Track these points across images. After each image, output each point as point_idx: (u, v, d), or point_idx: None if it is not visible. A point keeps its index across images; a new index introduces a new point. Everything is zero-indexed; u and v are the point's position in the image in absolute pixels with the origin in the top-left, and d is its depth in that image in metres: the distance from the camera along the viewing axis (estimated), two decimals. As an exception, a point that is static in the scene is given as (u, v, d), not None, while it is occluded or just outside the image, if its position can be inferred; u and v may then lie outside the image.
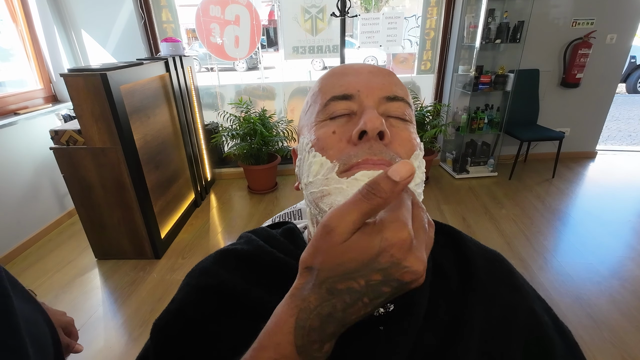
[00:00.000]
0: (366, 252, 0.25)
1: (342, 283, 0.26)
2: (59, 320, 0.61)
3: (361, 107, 0.40)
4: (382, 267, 0.25)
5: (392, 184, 0.24)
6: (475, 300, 0.41)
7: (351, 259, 0.25)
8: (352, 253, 0.25)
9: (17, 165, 2.26)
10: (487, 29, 2.79)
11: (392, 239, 0.25)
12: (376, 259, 0.25)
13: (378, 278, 0.25)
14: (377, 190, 0.24)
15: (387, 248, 0.25)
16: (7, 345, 0.29)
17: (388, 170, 0.24)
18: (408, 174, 0.24)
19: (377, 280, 0.25)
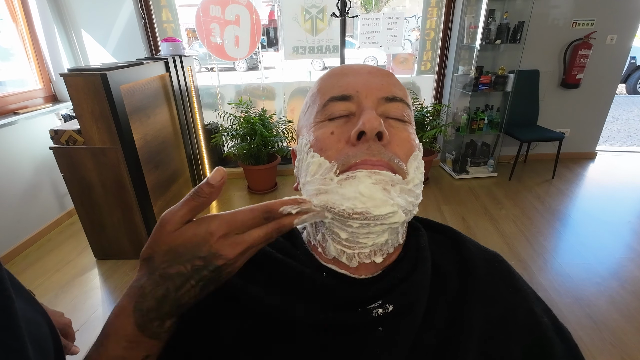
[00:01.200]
0: (192, 240, 0.31)
1: (173, 268, 0.31)
2: (56, 321, 0.60)
3: (360, 108, 0.40)
4: (203, 255, 0.31)
5: (210, 186, 0.31)
6: (475, 301, 0.41)
7: (180, 244, 0.31)
8: (181, 239, 0.31)
9: (17, 165, 2.26)
10: (487, 29, 2.79)
11: (213, 229, 0.31)
12: (199, 246, 0.31)
13: (200, 263, 0.31)
14: (200, 192, 0.31)
15: (208, 238, 0.31)
16: (8, 346, 0.29)
17: (209, 177, 0.31)
18: (220, 178, 0.31)
19: (199, 265, 0.31)
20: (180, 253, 0.31)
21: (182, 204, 0.31)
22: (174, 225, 0.31)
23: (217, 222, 0.31)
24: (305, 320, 0.39)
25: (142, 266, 0.32)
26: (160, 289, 0.31)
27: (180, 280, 0.31)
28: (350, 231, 0.39)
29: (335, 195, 0.37)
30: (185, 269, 0.31)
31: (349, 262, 0.42)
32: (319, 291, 0.42)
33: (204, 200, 0.31)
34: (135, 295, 0.31)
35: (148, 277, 0.31)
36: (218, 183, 0.31)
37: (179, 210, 0.31)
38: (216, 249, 0.31)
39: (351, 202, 0.36)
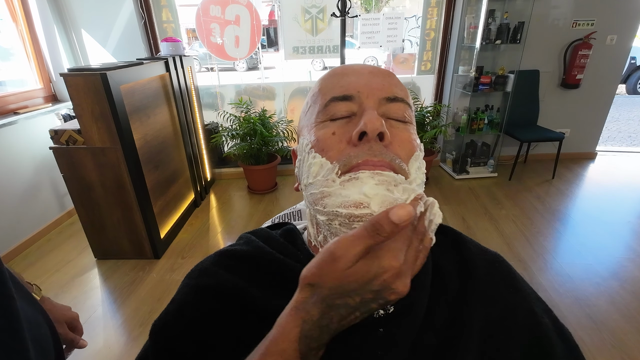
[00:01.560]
0: (365, 277, 0.29)
1: (340, 299, 0.30)
2: (64, 315, 0.61)
3: (361, 108, 0.40)
4: (375, 289, 0.29)
5: (393, 225, 0.27)
6: (475, 301, 0.41)
7: (351, 282, 0.29)
8: (353, 277, 0.29)
9: (16, 165, 2.26)
10: (488, 29, 2.79)
11: (386, 266, 0.29)
12: (371, 282, 0.29)
13: (370, 296, 0.30)
14: (380, 230, 0.27)
15: (381, 274, 0.29)
16: (11, 347, 0.29)
17: (390, 212, 0.27)
18: (407, 217, 0.27)
19: (369, 298, 0.30)
20: (351, 289, 0.29)
21: (357, 239, 0.28)
22: (347, 264, 0.29)
23: (389, 257, 0.29)
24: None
25: (306, 290, 0.31)
26: (325, 319, 0.30)
27: (347, 311, 0.30)
28: None
29: (339, 197, 0.37)
30: (353, 301, 0.30)
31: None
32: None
33: (382, 239, 0.28)
34: (302, 320, 0.31)
35: (314, 304, 0.30)
36: (403, 224, 0.27)
37: (354, 248, 0.28)
38: (389, 284, 0.29)
39: (356, 204, 0.36)
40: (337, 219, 0.38)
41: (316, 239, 0.46)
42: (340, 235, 0.40)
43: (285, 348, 0.31)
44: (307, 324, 0.30)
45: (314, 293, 0.30)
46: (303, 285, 0.31)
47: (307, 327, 0.30)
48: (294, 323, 0.31)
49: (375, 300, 0.30)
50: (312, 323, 0.30)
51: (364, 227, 0.28)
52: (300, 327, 0.30)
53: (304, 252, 0.47)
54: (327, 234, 0.43)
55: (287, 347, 0.31)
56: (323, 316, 0.30)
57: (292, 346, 0.30)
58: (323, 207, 0.39)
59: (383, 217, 0.27)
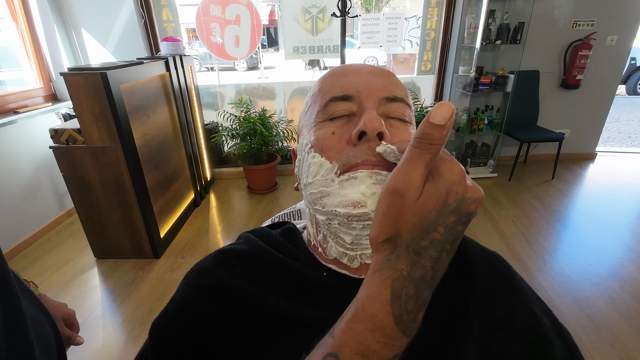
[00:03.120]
0: (439, 199, 0.25)
1: (426, 238, 0.26)
2: (61, 312, 0.61)
3: (361, 108, 0.40)
4: (453, 207, 0.25)
5: (440, 128, 0.24)
6: (475, 301, 0.41)
7: (429, 211, 0.25)
8: (430, 204, 0.25)
9: (16, 164, 2.26)
10: (488, 30, 2.79)
11: (452, 177, 0.25)
12: (446, 201, 0.25)
13: (453, 219, 0.26)
14: (431, 139, 0.24)
15: (451, 187, 0.25)
16: (17, 346, 0.29)
17: (429, 117, 0.24)
18: (450, 114, 0.24)
19: (452, 221, 0.26)
20: (432, 220, 0.25)
21: (413, 161, 0.25)
22: (417, 192, 0.25)
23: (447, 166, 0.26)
24: (305, 320, 0.39)
25: (383, 249, 0.27)
26: (418, 269, 0.26)
27: (437, 249, 0.26)
28: (354, 234, 0.39)
29: (337, 197, 0.37)
30: (439, 234, 0.26)
31: (350, 263, 0.42)
32: (320, 291, 0.42)
33: (437, 147, 0.25)
34: (391, 278, 0.26)
35: (399, 258, 0.26)
36: (448, 122, 0.24)
37: (415, 172, 0.25)
38: (462, 194, 0.25)
39: (353, 203, 0.36)
40: (336, 218, 0.38)
41: (315, 238, 0.46)
42: (340, 234, 0.40)
43: (375, 312, 0.26)
44: (398, 282, 0.26)
45: (395, 246, 0.27)
46: (377, 246, 0.28)
47: (399, 285, 0.26)
48: (382, 285, 0.26)
49: (459, 221, 0.26)
50: (404, 279, 0.26)
51: (413, 145, 0.25)
52: (390, 287, 0.26)
53: (303, 252, 0.47)
54: (327, 233, 0.43)
55: (378, 311, 0.26)
56: (414, 267, 0.26)
57: (383, 309, 0.26)
58: (322, 206, 0.39)
59: (426, 125, 0.25)
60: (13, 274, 0.34)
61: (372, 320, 0.26)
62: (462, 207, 0.26)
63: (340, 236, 0.40)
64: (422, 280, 0.26)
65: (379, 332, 0.26)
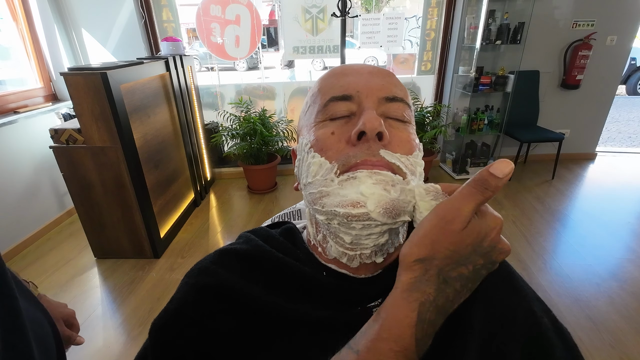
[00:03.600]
0: (478, 237, 0.27)
1: (455, 270, 0.27)
2: (60, 312, 0.61)
3: (360, 108, 0.40)
4: (485, 251, 0.27)
5: (497, 179, 0.27)
6: (475, 301, 0.41)
7: (467, 245, 0.27)
8: (469, 239, 0.27)
9: (16, 164, 2.26)
10: (488, 30, 2.79)
11: (492, 224, 0.28)
12: (482, 243, 0.27)
13: (481, 262, 0.28)
14: (488, 185, 0.27)
15: (489, 232, 0.28)
16: (15, 346, 0.29)
17: (490, 168, 0.27)
18: (509, 170, 0.27)
19: (480, 264, 0.28)
20: (465, 255, 0.27)
21: (468, 197, 0.28)
22: (463, 224, 0.27)
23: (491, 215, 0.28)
24: (305, 319, 0.39)
25: (416, 267, 0.28)
26: (442, 297, 0.27)
27: (461, 284, 0.28)
28: (354, 234, 0.39)
29: (337, 197, 0.37)
30: (467, 270, 0.27)
31: (350, 262, 0.42)
32: (319, 290, 0.42)
33: (490, 194, 0.27)
34: (418, 302, 0.27)
35: (429, 281, 0.27)
36: (506, 177, 0.27)
37: (466, 206, 0.27)
38: (495, 243, 0.28)
39: (353, 203, 0.36)
40: (335, 218, 0.38)
41: (315, 238, 0.46)
42: (340, 234, 0.40)
43: (400, 334, 0.27)
44: (424, 306, 0.27)
45: (427, 268, 0.27)
46: (409, 264, 0.28)
47: (425, 310, 0.27)
48: (410, 307, 0.27)
49: (485, 266, 0.28)
50: (430, 304, 0.27)
51: (470, 185, 0.28)
52: (417, 310, 0.27)
53: (303, 251, 0.47)
54: (327, 233, 0.43)
55: (403, 333, 0.27)
56: (439, 294, 0.27)
57: (408, 332, 0.27)
58: (322, 206, 0.39)
59: (486, 173, 0.27)
60: (11, 274, 0.34)
61: (397, 342, 0.27)
62: (492, 254, 0.28)
63: (339, 236, 0.40)
64: (443, 308, 0.28)
65: (402, 354, 0.27)
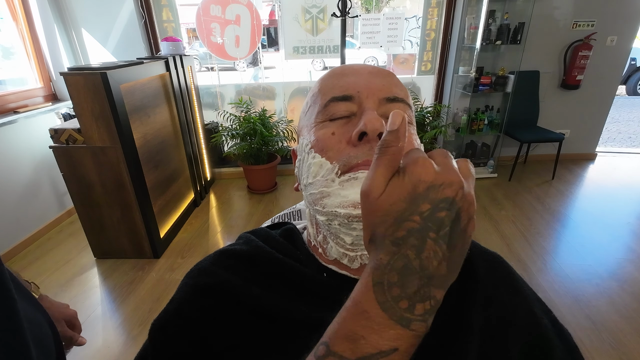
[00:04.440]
0: (403, 191, 0.26)
1: (400, 229, 0.26)
2: (62, 313, 0.61)
3: (361, 108, 0.40)
4: (424, 195, 0.26)
5: (392, 133, 0.27)
6: (475, 302, 0.41)
7: (394, 202, 0.26)
8: (393, 197, 0.26)
9: (16, 164, 2.26)
10: (488, 30, 2.79)
11: (417, 169, 0.26)
12: (414, 191, 0.26)
13: (427, 207, 0.25)
14: (386, 143, 0.27)
15: (419, 178, 0.26)
16: (13, 347, 0.29)
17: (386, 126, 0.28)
18: (399, 119, 0.27)
19: (427, 209, 0.25)
20: (400, 210, 0.26)
21: (374, 167, 0.28)
22: (379, 189, 0.27)
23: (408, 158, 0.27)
24: (305, 321, 0.39)
25: (370, 248, 0.29)
26: (399, 259, 0.26)
27: (417, 238, 0.26)
28: (355, 235, 0.39)
29: (338, 197, 0.37)
30: (414, 223, 0.26)
31: (350, 264, 0.42)
32: (320, 292, 0.42)
33: (394, 149, 0.27)
34: (371, 268, 0.27)
35: (378, 250, 0.27)
36: (400, 126, 0.27)
37: (376, 172, 0.27)
38: (432, 182, 0.25)
39: (354, 204, 0.36)
40: (336, 219, 0.38)
41: (315, 238, 0.46)
42: (340, 235, 0.40)
43: (358, 299, 0.27)
44: (378, 270, 0.27)
45: (375, 244, 0.28)
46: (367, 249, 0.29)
47: (379, 273, 0.26)
48: (365, 274, 0.27)
49: (437, 208, 0.25)
50: (384, 267, 0.26)
51: (375, 153, 0.28)
52: (371, 275, 0.27)
53: (303, 252, 0.47)
54: (327, 233, 0.43)
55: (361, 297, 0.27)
56: (394, 257, 0.26)
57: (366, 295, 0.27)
58: (322, 207, 0.39)
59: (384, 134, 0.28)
60: (10, 274, 0.34)
61: (356, 306, 0.27)
62: (435, 194, 0.25)
63: (340, 237, 0.40)
64: (406, 269, 0.26)
65: (362, 316, 0.26)
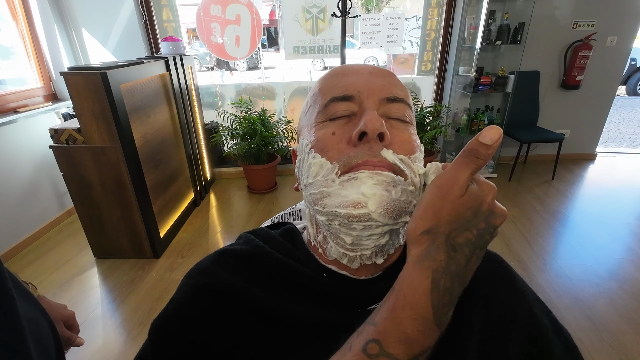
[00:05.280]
0: (477, 201, 0.29)
1: (461, 236, 0.29)
2: (60, 313, 0.61)
3: (361, 108, 0.40)
4: (485, 215, 0.29)
5: (487, 147, 0.29)
6: (475, 302, 0.41)
7: (467, 210, 0.29)
8: (469, 203, 0.29)
9: (16, 164, 2.26)
10: (488, 30, 2.79)
11: (487, 190, 0.30)
12: (480, 208, 0.29)
13: (483, 226, 0.29)
14: (477, 154, 0.29)
15: (485, 197, 0.30)
16: (12, 347, 0.29)
17: (479, 137, 0.29)
18: (497, 137, 0.28)
19: (482, 228, 0.29)
20: (468, 218, 0.29)
21: (462, 167, 0.29)
22: (460, 191, 0.29)
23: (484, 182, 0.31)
24: (305, 320, 0.39)
25: (423, 240, 0.29)
26: (454, 263, 0.28)
27: (469, 249, 0.29)
28: (355, 234, 0.39)
29: (338, 197, 0.37)
30: (472, 235, 0.29)
31: (350, 263, 0.42)
32: (320, 292, 0.42)
33: (482, 162, 0.29)
34: (431, 269, 0.28)
35: (438, 249, 0.28)
36: (495, 143, 0.28)
37: (462, 175, 0.29)
38: (492, 207, 0.30)
39: (354, 204, 0.36)
40: (336, 219, 0.38)
41: (315, 238, 0.46)
42: (340, 235, 0.40)
43: (416, 301, 0.28)
44: (437, 273, 0.28)
45: (434, 238, 0.29)
46: (417, 238, 0.30)
47: (438, 277, 0.27)
48: (423, 275, 0.28)
49: (487, 230, 0.29)
50: (442, 270, 0.28)
51: (462, 155, 0.30)
52: (430, 277, 0.28)
53: (303, 252, 0.47)
54: (327, 233, 0.43)
55: (419, 300, 0.28)
56: (450, 260, 0.28)
57: (424, 299, 0.27)
58: (322, 207, 0.39)
59: (475, 142, 0.29)
60: (9, 274, 0.34)
61: (414, 309, 0.28)
62: (491, 219, 0.29)
63: (340, 237, 0.40)
64: (457, 275, 0.28)
65: (419, 320, 0.27)
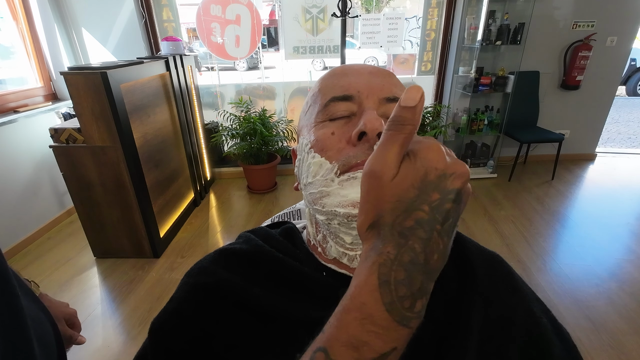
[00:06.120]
0: (416, 176, 0.25)
1: (409, 218, 0.24)
2: (62, 311, 0.61)
3: (361, 108, 0.40)
4: (435, 184, 0.24)
5: (410, 109, 0.24)
6: (474, 301, 0.41)
7: (407, 188, 0.25)
8: (406, 182, 0.25)
9: (16, 163, 2.26)
10: (488, 30, 2.79)
11: (428, 155, 0.25)
12: (426, 178, 0.24)
13: (437, 196, 0.24)
14: (402, 120, 0.24)
15: (429, 164, 0.25)
16: (16, 345, 0.29)
17: (400, 101, 0.25)
18: (418, 95, 0.24)
19: (437, 199, 0.24)
20: (412, 197, 0.24)
21: (387, 144, 0.25)
22: (392, 171, 0.25)
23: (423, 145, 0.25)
24: (304, 320, 0.39)
25: (370, 236, 0.26)
26: (406, 252, 0.24)
27: (425, 230, 0.24)
28: (354, 234, 0.39)
29: (337, 197, 0.37)
30: (423, 213, 0.24)
31: (350, 263, 0.42)
32: (319, 291, 0.42)
33: (409, 128, 0.25)
34: (377, 264, 0.25)
35: (384, 241, 0.25)
36: (419, 103, 0.24)
37: (389, 152, 0.25)
38: (443, 170, 0.24)
39: (353, 203, 0.36)
40: (335, 218, 0.38)
41: (315, 238, 0.46)
42: (340, 234, 0.40)
43: (363, 301, 0.25)
44: (384, 267, 0.24)
45: (379, 230, 0.25)
46: (364, 235, 0.27)
47: (386, 270, 0.24)
48: (369, 271, 0.25)
49: (445, 199, 0.24)
50: (391, 262, 0.24)
51: (386, 129, 0.25)
52: (377, 272, 0.24)
53: (303, 251, 0.47)
54: (326, 233, 0.43)
55: (366, 299, 0.25)
56: (401, 250, 0.24)
57: (372, 297, 0.24)
58: (322, 206, 0.39)
59: (397, 109, 0.25)
60: (13, 272, 0.34)
61: (361, 309, 0.25)
62: (445, 184, 0.24)
63: (340, 236, 0.40)
64: (413, 264, 0.24)
65: (368, 320, 0.24)
